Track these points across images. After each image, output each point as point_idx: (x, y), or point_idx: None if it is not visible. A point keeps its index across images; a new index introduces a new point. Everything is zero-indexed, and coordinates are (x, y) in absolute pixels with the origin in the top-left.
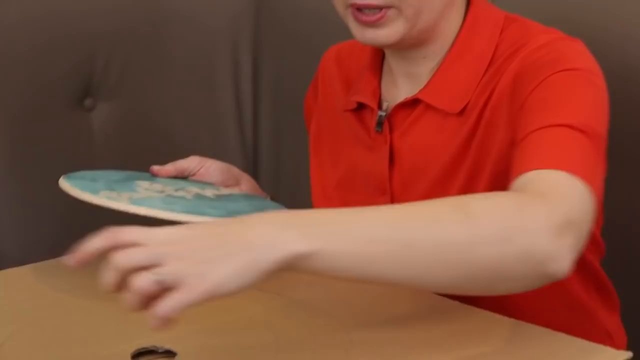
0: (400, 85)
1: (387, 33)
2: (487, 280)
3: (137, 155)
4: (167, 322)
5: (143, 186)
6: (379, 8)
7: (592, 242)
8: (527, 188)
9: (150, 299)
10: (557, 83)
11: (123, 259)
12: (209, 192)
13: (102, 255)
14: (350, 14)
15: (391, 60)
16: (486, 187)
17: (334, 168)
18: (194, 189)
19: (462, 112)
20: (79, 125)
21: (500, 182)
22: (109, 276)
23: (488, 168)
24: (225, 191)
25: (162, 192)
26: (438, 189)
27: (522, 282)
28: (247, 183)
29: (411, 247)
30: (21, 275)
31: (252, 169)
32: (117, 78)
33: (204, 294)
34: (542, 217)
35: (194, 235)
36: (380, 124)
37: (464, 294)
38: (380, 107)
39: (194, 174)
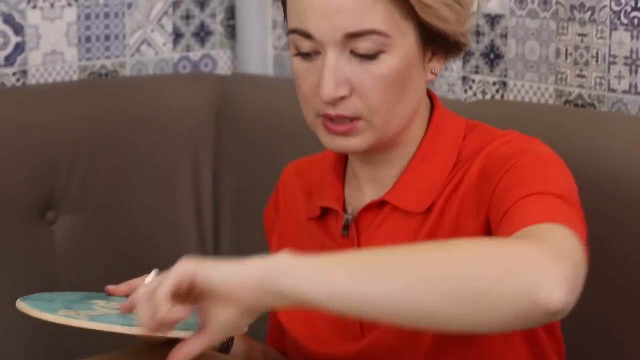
0: (365, 189)
1: (357, 142)
2: (473, 305)
3: (99, 268)
4: None
5: (100, 304)
6: (350, 119)
7: (553, 337)
8: (514, 236)
9: None
10: (526, 164)
11: None
12: None
13: None
14: (320, 123)
15: (355, 165)
16: None
17: None
18: None
19: (427, 211)
20: (40, 239)
21: None
22: None
23: None
24: None
25: (118, 309)
26: None
27: (514, 311)
28: None
29: (391, 281)
30: None
31: None
32: (79, 190)
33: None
34: (530, 248)
35: None
36: (346, 227)
37: (461, 329)
38: (345, 210)
39: None
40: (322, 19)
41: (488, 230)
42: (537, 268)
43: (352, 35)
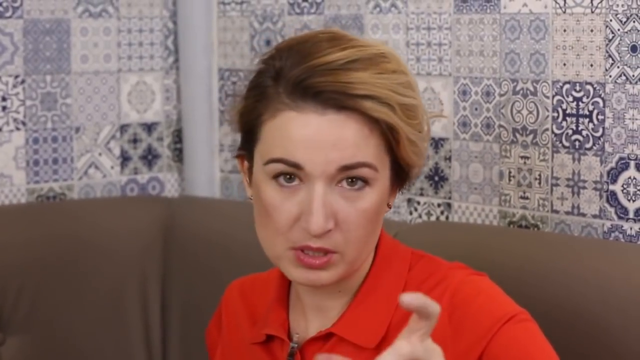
0: (310, 318)
1: (329, 276)
2: None
3: None
4: None
5: None
6: (325, 252)
7: None
8: None
9: None
10: (516, 338)
11: None
12: None
13: None
14: (292, 256)
15: (302, 294)
16: None
17: None
18: None
19: (377, 347)
20: None
21: None
22: None
23: None
24: None
25: None
26: None
27: None
28: None
29: None
30: None
31: None
32: (27, 312)
33: None
34: None
35: None
36: (292, 355)
37: None
38: (290, 339)
39: None
40: (316, 152)
41: None
42: None
43: (347, 168)
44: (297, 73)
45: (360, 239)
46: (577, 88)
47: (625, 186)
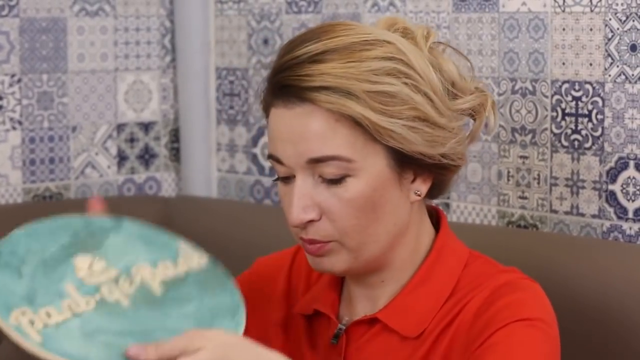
0: (358, 305)
1: (331, 262)
2: None
3: None
4: None
5: (77, 274)
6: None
7: None
8: None
9: None
10: (513, 334)
11: None
12: (158, 275)
13: None
14: (302, 245)
15: (350, 283)
16: None
17: None
18: (143, 270)
19: (418, 337)
20: None
21: None
22: None
23: None
24: (181, 265)
25: (95, 291)
26: None
27: None
28: None
29: None
30: None
31: None
32: None
33: None
34: None
35: None
36: (337, 336)
37: None
38: (339, 320)
39: None
40: (287, 145)
41: None
42: None
43: (315, 161)
44: (273, 69)
45: (355, 229)
46: (577, 87)
47: (624, 186)
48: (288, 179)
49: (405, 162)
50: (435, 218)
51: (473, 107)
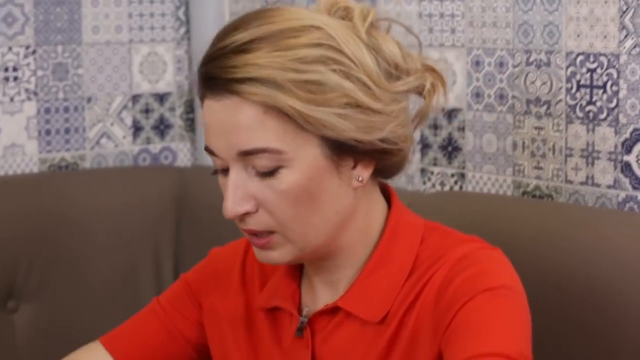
0: (319, 292)
1: (278, 255)
2: None
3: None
4: None
5: None
6: (266, 232)
7: None
8: None
9: None
10: (480, 307)
11: None
12: None
13: None
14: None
15: (308, 268)
16: None
17: None
18: None
19: (382, 321)
20: (1, 327)
21: None
22: None
23: None
24: None
25: None
26: None
27: None
28: None
29: None
30: None
31: None
32: (40, 281)
33: None
34: None
35: None
36: (301, 329)
37: None
38: (300, 312)
39: None
40: (219, 137)
41: None
42: None
43: (246, 154)
44: (202, 59)
45: (294, 220)
46: (591, 59)
47: (639, 157)
48: (225, 171)
49: (342, 150)
50: (387, 195)
51: (418, 87)
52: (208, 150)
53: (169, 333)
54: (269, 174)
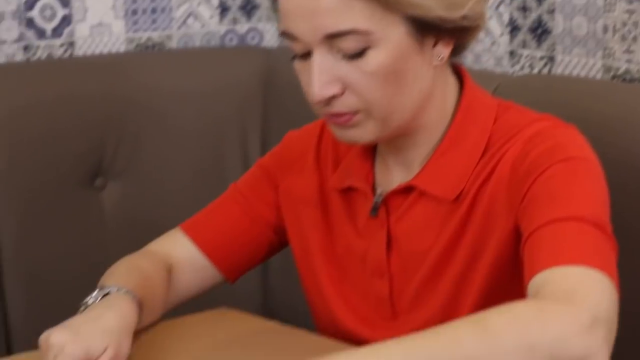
0: (393, 171)
1: (359, 133)
2: None
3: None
4: None
5: None
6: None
7: None
8: (546, 290)
9: None
10: (557, 175)
11: None
12: None
13: None
14: (327, 119)
15: (383, 148)
16: (486, 271)
17: (326, 248)
18: None
19: (456, 199)
20: (89, 204)
21: (500, 266)
22: None
23: (488, 253)
24: None
25: None
26: (437, 272)
27: None
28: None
29: None
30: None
31: None
32: (128, 159)
33: None
34: (567, 320)
35: None
36: (375, 209)
37: None
38: (374, 192)
39: None
40: (301, 21)
41: (517, 234)
42: (577, 345)
43: (332, 36)
44: None
45: (381, 100)
46: None
47: None
48: (306, 56)
49: (426, 29)
50: (460, 75)
51: None
52: (286, 34)
53: (249, 218)
54: (357, 55)
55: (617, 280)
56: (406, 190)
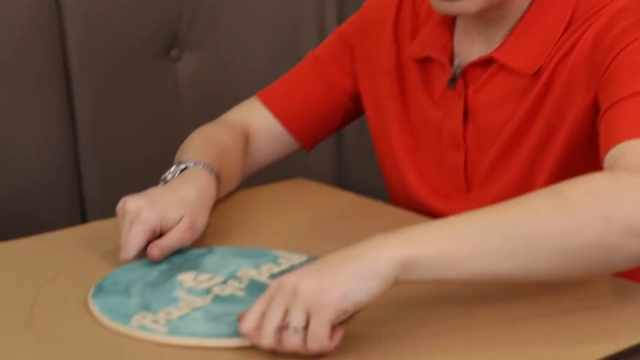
0: (474, 43)
1: (466, 5)
2: (595, 262)
3: (219, 102)
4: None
5: (185, 285)
6: None
7: None
8: (621, 162)
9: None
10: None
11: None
12: (265, 272)
13: None
14: None
15: (467, 21)
16: (561, 145)
17: (401, 117)
18: (248, 272)
19: (536, 73)
20: (165, 75)
21: (576, 141)
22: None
23: (564, 127)
24: (284, 262)
25: (208, 292)
26: (513, 146)
27: (630, 258)
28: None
29: (513, 239)
30: (107, 228)
31: None
32: (203, 30)
33: (333, 315)
34: (634, 190)
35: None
36: (453, 80)
37: (572, 279)
38: (451, 63)
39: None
40: None
41: (595, 108)
42: None
43: None
44: None
45: None
46: None
47: None
48: None
49: None
50: None
51: None
52: None
53: (326, 85)
54: None
55: None
56: (486, 62)
